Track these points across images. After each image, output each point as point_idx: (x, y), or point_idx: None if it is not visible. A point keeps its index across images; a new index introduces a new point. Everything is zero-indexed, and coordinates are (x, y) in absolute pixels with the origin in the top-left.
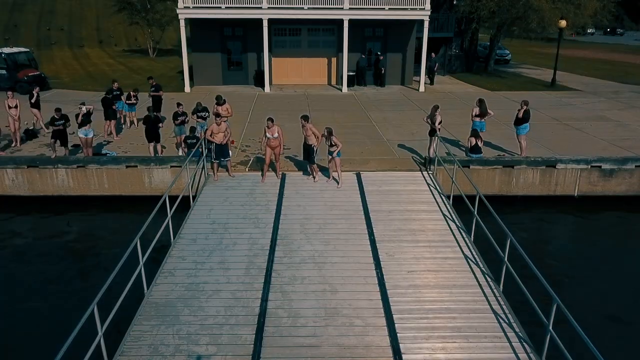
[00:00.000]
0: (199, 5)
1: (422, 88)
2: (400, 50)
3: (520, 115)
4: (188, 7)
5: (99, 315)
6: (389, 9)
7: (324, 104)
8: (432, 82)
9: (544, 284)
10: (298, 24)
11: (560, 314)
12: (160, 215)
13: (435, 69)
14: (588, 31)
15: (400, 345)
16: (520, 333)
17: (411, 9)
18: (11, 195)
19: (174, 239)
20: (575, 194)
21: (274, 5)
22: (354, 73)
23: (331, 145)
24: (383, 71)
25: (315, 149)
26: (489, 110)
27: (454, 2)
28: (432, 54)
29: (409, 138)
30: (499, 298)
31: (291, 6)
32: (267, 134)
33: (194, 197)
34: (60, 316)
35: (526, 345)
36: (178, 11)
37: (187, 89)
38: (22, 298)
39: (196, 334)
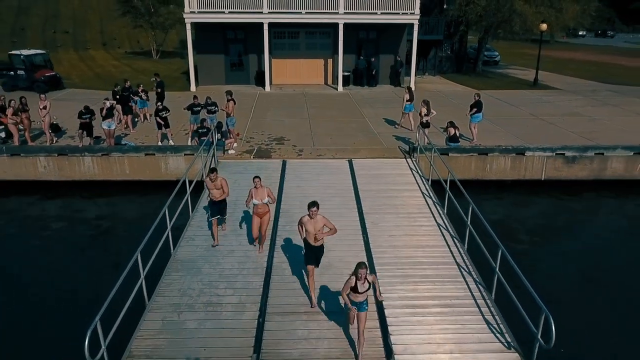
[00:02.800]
0: (204, 10)
1: (412, 87)
2: (392, 52)
3: (470, 106)
4: (194, 12)
5: (141, 263)
6: (381, 13)
7: (320, 102)
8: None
9: (493, 237)
10: (296, 28)
11: (507, 262)
12: (175, 198)
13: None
14: (579, 33)
15: (380, 289)
16: (476, 278)
17: (402, 13)
18: (43, 181)
19: (192, 212)
20: (542, 178)
21: (274, 10)
22: (349, 73)
23: (361, 291)
24: (374, 72)
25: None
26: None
27: (445, 7)
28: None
29: (397, 131)
30: (463, 254)
31: (290, 11)
32: (254, 199)
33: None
34: (100, 276)
35: (480, 287)
36: (184, 15)
37: (192, 88)
38: (60, 268)
39: (216, 282)
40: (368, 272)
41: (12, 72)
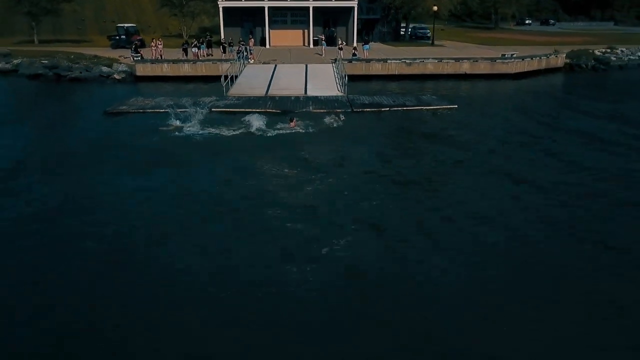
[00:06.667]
0: None
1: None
2: (344, 25)
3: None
4: (223, 0)
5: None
6: (335, 0)
7: (299, 53)
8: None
9: (344, 80)
10: (285, 10)
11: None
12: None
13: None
14: (526, 22)
15: (307, 85)
16: (342, 89)
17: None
18: (165, 75)
19: (236, 77)
20: (396, 73)
21: None
22: (317, 38)
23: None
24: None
25: None
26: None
27: None
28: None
29: (333, 57)
30: (342, 85)
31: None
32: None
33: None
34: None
35: (343, 93)
36: (219, 2)
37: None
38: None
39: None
40: None
41: (117, 37)
